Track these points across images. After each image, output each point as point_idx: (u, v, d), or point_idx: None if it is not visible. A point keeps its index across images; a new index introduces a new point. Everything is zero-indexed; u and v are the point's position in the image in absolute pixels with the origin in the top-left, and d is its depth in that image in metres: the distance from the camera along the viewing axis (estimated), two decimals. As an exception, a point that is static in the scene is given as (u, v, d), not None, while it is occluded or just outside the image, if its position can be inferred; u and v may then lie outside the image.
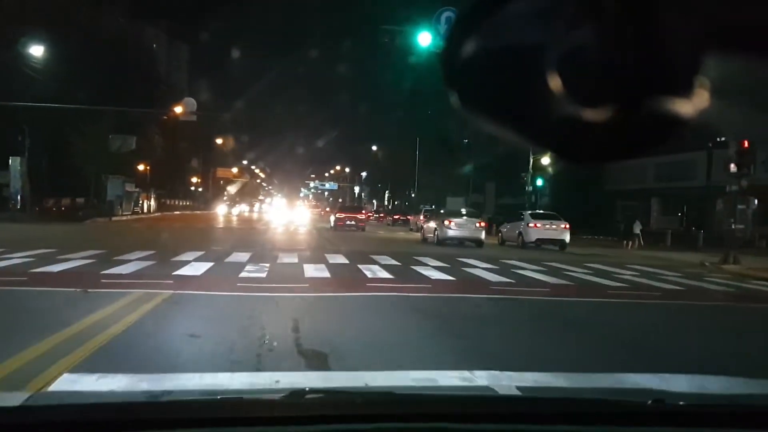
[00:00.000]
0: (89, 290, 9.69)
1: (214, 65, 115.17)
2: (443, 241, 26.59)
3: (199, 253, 16.79)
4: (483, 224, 27.71)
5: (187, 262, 14.34)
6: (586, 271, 16.31)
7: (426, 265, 15.90)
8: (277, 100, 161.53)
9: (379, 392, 3.20)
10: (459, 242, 26.85)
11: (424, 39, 19.08)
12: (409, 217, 51.04)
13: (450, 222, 27.04)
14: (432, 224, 28.69)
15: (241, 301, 9.33)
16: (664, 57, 0.70)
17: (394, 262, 16.36)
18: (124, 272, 12.25)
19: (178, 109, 38.88)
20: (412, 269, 14.74)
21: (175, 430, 1.55)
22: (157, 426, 1.58)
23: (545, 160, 36.81)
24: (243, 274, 12.64)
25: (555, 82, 0.74)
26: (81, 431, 1.52)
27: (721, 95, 0.73)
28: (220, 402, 2.19)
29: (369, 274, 13.32)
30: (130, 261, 14.38)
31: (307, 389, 2.20)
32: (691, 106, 0.71)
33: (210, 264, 14.20)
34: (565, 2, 0.76)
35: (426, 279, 12.84)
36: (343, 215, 40.91)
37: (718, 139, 33.72)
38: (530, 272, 15.15)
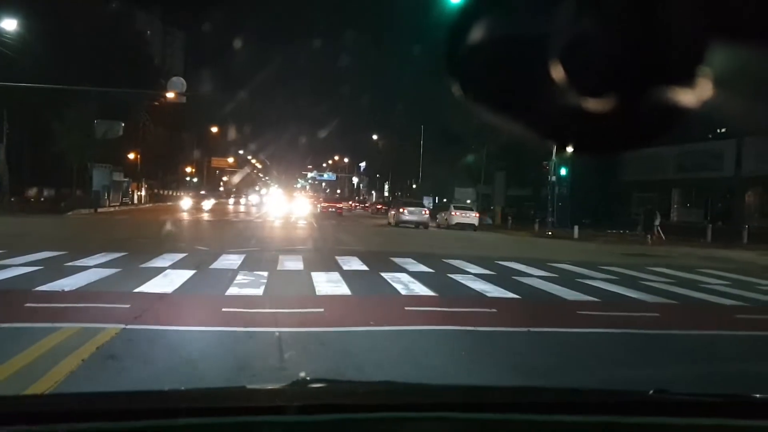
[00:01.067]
0: (-4, 325, 6.34)
1: (210, 54, 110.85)
2: (398, 224, 34.46)
3: (179, 256, 13.40)
4: (427, 212, 36.46)
5: (160, 270, 10.97)
6: (662, 279, 13.00)
7: (465, 272, 12.53)
8: (277, 91, 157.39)
9: (381, 381, 2.92)
10: (415, 225, 33.96)
11: (456, -6, 15.73)
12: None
13: (404, 209, 35.84)
14: (392, 211, 37.60)
15: (223, 347, 5.97)
16: (669, 47, 0.69)
17: (424, 267, 12.99)
18: (67, 287, 8.88)
19: (169, 94, 35.85)
20: (453, 279, 11.35)
21: (178, 419, 1.47)
22: (160, 415, 1.51)
23: (569, 148, 34.09)
24: (232, 290, 9.28)
25: (559, 73, 0.73)
26: (86, 420, 1.46)
27: (727, 85, 0.71)
28: (222, 391, 2.22)
29: (401, 288, 9.94)
30: (87, 268, 11.02)
31: (309, 378, 1.95)
32: (695, 96, 0.71)
33: (189, 273, 10.82)
34: None
35: (481, 297, 9.45)
36: (326, 204, 57.46)
37: (718, 131, 34.12)
38: (601, 282, 11.81)
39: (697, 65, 0.69)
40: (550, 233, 31.74)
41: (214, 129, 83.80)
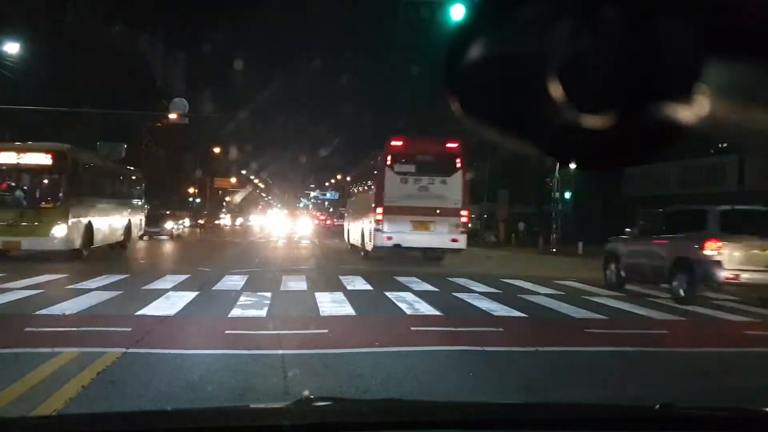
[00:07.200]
0: (-7, 351, 6.24)
1: (212, 76, 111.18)
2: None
3: (182, 278, 13.30)
4: None
5: (162, 292, 10.86)
6: (669, 295, 12.85)
7: (471, 290, 12.40)
8: (278, 111, 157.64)
9: (385, 399, 2.92)
10: None
11: (457, 12, 15.66)
12: None
13: None
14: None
15: (226, 370, 5.86)
16: (668, 63, 0.69)
17: (428, 287, 12.87)
18: (68, 311, 8.78)
19: (171, 115, 36.03)
20: (459, 299, 11.23)
21: None
22: None
23: (572, 165, 34.19)
24: (235, 312, 9.17)
25: (558, 89, 0.74)
26: None
27: (726, 101, 0.72)
28: (227, 410, 2.28)
29: (406, 308, 9.84)
30: (89, 291, 10.92)
31: (313, 397, 1.90)
32: (694, 112, 0.71)
33: (192, 294, 10.72)
34: (567, 10, 0.74)
35: (487, 316, 9.33)
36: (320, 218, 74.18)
37: (720, 146, 32.87)
38: (608, 299, 11.70)
39: (696, 81, 0.69)
40: (554, 250, 31.64)
41: (216, 149, 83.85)
